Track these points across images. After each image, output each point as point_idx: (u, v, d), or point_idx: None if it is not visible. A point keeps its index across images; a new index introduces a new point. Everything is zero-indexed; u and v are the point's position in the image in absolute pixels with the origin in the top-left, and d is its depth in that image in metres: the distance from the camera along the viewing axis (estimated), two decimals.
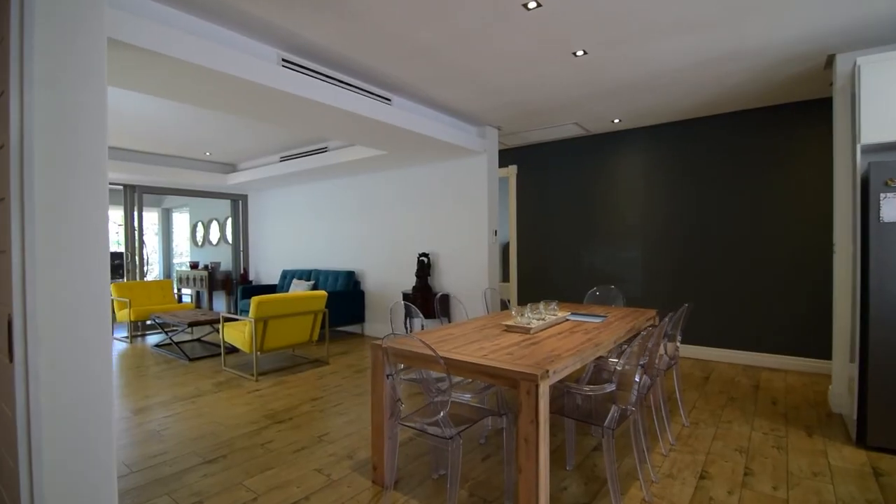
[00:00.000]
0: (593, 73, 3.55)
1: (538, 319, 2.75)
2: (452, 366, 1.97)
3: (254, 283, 8.21)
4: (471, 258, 5.22)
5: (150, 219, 12.47)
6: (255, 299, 4.13)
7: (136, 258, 6.98)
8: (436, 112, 4.50)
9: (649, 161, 5.05)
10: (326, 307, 4.79)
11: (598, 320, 2.98)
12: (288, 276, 7.13)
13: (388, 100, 3.88)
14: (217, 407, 3.49)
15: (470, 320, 3.05)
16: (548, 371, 1.81)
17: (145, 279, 10.89)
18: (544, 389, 1.79)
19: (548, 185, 5.79)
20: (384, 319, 6.13)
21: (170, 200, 10.70)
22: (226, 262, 8.74)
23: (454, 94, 4.02)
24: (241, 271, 8.31)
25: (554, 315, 2.94)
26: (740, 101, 4.27)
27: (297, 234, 7.41)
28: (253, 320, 4.13)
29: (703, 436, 2.96)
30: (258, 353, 4.25)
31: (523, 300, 5.99)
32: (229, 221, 8.55)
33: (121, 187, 6.85)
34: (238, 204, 8.36)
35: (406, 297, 5.41)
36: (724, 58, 3.32)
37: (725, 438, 2.92)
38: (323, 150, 5.73)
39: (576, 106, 4.37)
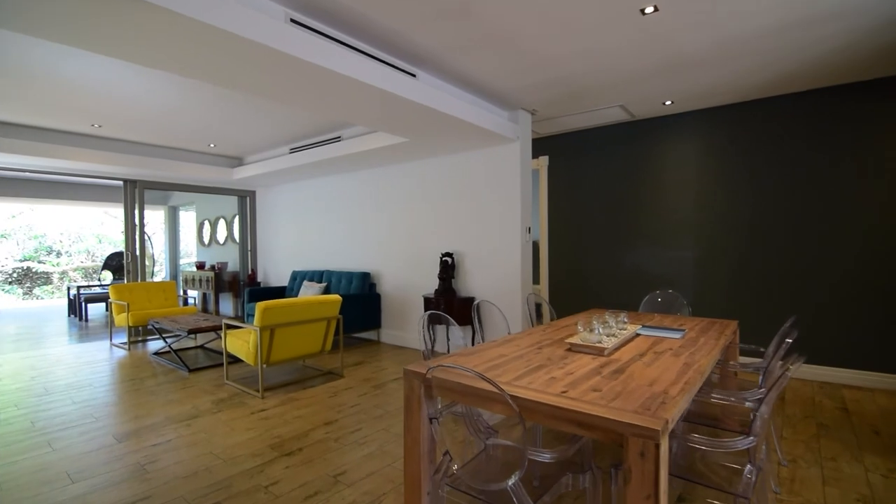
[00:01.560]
0: (659, 39, 2.98)
1: (609, 336, 2.19)
2: (525, 408, 1.42)
3: (262, 285, 7.73)
4: (500, 258, 4.67)
5: (157, 217, 12.12)
6: (259, 305, 3.62)
7: (139, 258, 6.53)
8: (465, 92, 3.96)
9: (704, 148, 4.45)
10: (340, 312, 4.29)
11: (677, 336, 2.41)
12: (298, 278, 6.64)
13: (413, 74, 3.35)
14: (215, 432, 2.98)
15: (519, 335, 2.50)
16: (667, 421, 1.26)
17: (153, 280, 10.52)
18: (666, 449, 1.24)
19: (584, 177, 5.22)
20: (402, 325, 5.60)
21: (176, 198, 10.30)
22: (233, 262, 8.29)
23: (488, 69, 3.47)
24: (249, 272, 7.84)
25: (624, 329, 2.38)
26: (823, 75, 3.66)
27: (308, 232, 6.92)
28: (258, 329, 3.62)
29: (810, 479, 2.38)
30: (264, 365, 3.74)
31: (556, 304, 5.42)
32: (237, 219, 8.09)
33: (120, 182, 6.41)
34: (245, 201, 7.90)
35: (428, 301, 4.88)
36: (820, 17, 2.73)
37: (838, 483, 2.34)
38: (336, 140, 5.22)
39: (627, 84, 3.80)
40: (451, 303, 4.71)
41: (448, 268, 4.90)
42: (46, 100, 4.17)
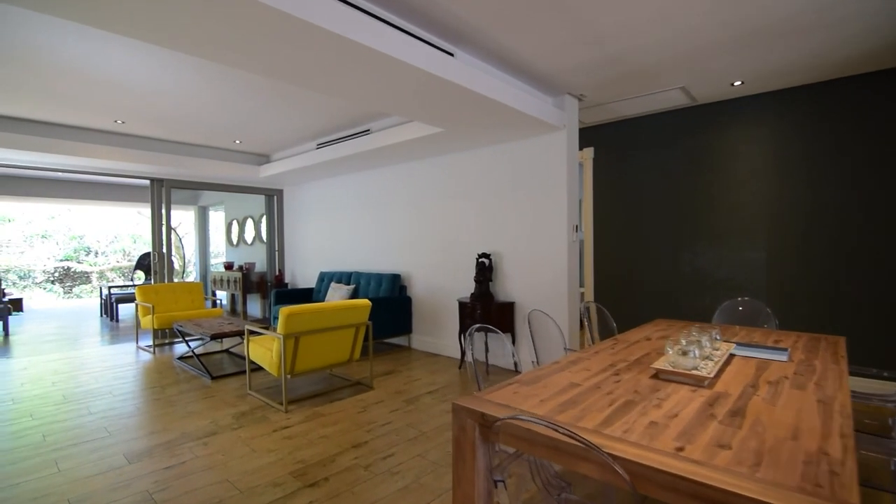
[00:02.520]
0: (745, 1, 2.51)
1: (704, 359, 1.76)
2: (636, 475, 1.02)
3: (289, 286, 7.52)
4: (543, 260, 4.24)
5: (189, 217, 12.17)
6: (283, 311, 3.32)
7: (166, 258, 6.40)
8: (506, 74, 3.56)
9: (777, 135, 3.90)
10: (369, 317, 3.97)
11: (781, 357, 1.95)
12: (325, 279, 6.37)
13: (451, 53, 2.97)
14: (233, 454, 2.69)
15: (584, 354, 2.08)
16: None
17: (186, 280, 10.52)
18: None
19: (635, 170, 4.73)
20: (435, 331, 5.24)
21: (206, 198, 10.26)
22: (261, 262, 8.13)
23: (533, 46, 3.06)
24: (276, 273, 7.65)
25: (717, 349, 1.94)
26: None
27: (336, 231, 6.64)
28: (281, 337, 3.32)
29: None
30: (288, 376, 3.44)
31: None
32: (264, 219, 7.92)
33: (147, 181, 6.28)
34: (273, 199, 7.71)
35: (463, 306, 4.50)
36: None
37: None
38: (365, 133, 4.90)
39: (694, 61, 3.32)
40: (488, 308, 4.32)
41: (485, 270, 4.51)
42: (66, 93, 3.99)
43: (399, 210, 5.65)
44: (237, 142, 5.78)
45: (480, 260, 4.55)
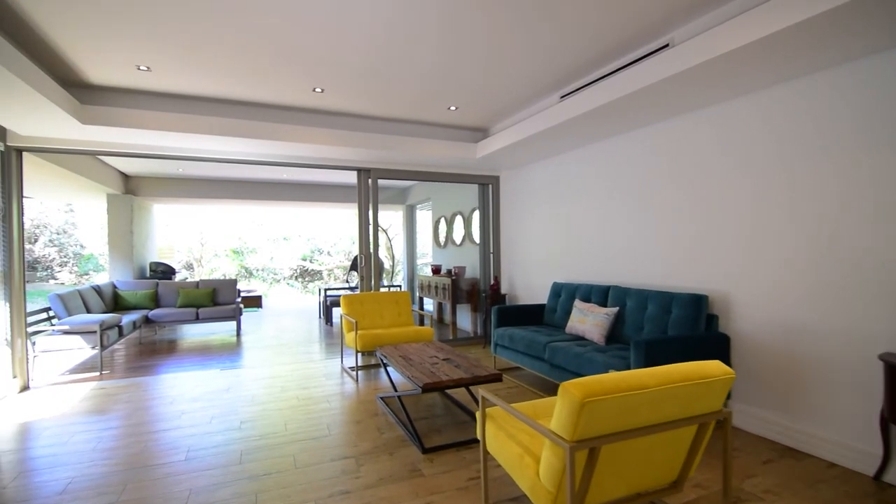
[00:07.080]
0: None
1: None
2: None
3: (507, 299, 5.91)
4: None
5: (397, 219, 11.92)
6: (573, 390, 1.49)
7: (372, 261, 5.46)
8: None
9: None
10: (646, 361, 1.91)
11: None
12: (563, 294, 4.50)
13: None
14: None
15: None
16: None
17: (396, 283, 10.06)
18: None
19: None
20: (788, 405, 2.82)
21: (413, 196, 9.58)
22: (471, 266, 6.77)
23: None
24: (491, 281, 6.14)
25: None
26: None
27: (576, 226, 4.71)
28: (568, 448, 1.50)
29: None
30: None
31: None
32: (476, 215, 6.52)
33: (354, 172, 5.41)
34: (487, 189, 6.23)
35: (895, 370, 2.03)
36: None
37: None
38: (662, 49, 2.83)
39: None
40: None
41: None
42: (261, 48, 3.01)
43: (698, 186, 3.39)
44: (452, 108, 4.36)
45: None
